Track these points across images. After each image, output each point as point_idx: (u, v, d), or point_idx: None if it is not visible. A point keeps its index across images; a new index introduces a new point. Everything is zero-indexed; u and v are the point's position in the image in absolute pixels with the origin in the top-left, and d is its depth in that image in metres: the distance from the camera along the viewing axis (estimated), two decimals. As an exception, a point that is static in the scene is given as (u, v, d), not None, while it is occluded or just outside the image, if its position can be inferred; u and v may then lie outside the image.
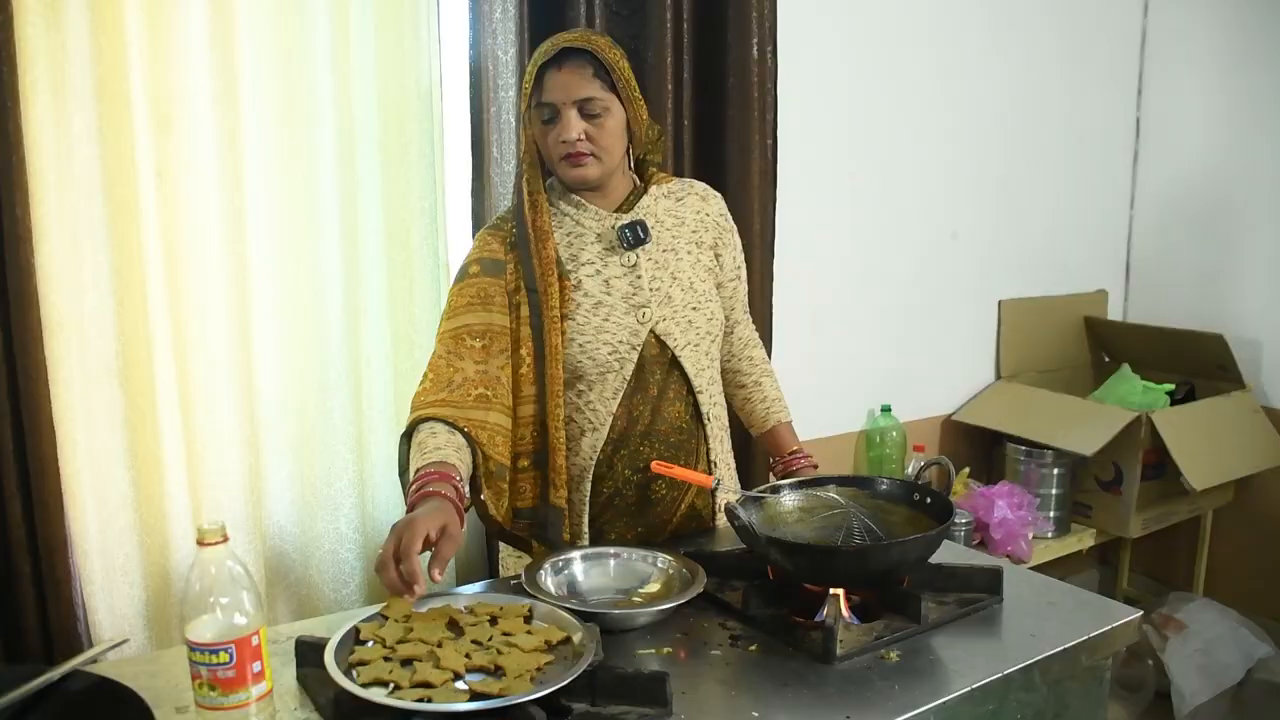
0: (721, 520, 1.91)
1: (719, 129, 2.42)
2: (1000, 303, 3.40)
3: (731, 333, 1.96)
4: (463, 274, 1.73)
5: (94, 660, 1.33)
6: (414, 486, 1.49)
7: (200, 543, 1.10)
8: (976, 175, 3.27)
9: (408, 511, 1.46)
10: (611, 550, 1.66)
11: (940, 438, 3.32)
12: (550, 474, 1.72)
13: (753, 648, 1.44)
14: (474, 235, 2.16)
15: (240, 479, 2.01)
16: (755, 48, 2.39)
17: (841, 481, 1.72)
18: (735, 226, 1.91)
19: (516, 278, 1.71)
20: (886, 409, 3.08)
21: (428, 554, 1.37)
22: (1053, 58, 3.37)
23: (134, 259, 1.85)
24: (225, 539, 1.11)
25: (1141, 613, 1.57)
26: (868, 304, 3.07)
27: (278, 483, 2.08)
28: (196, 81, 1.87)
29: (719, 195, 1.90)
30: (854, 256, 3.02)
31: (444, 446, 1.56)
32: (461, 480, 1.52)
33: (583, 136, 1.65)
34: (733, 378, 2.00)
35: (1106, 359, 3.66)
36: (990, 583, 1.57)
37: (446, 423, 1.60)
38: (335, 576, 2.13)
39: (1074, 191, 3.53)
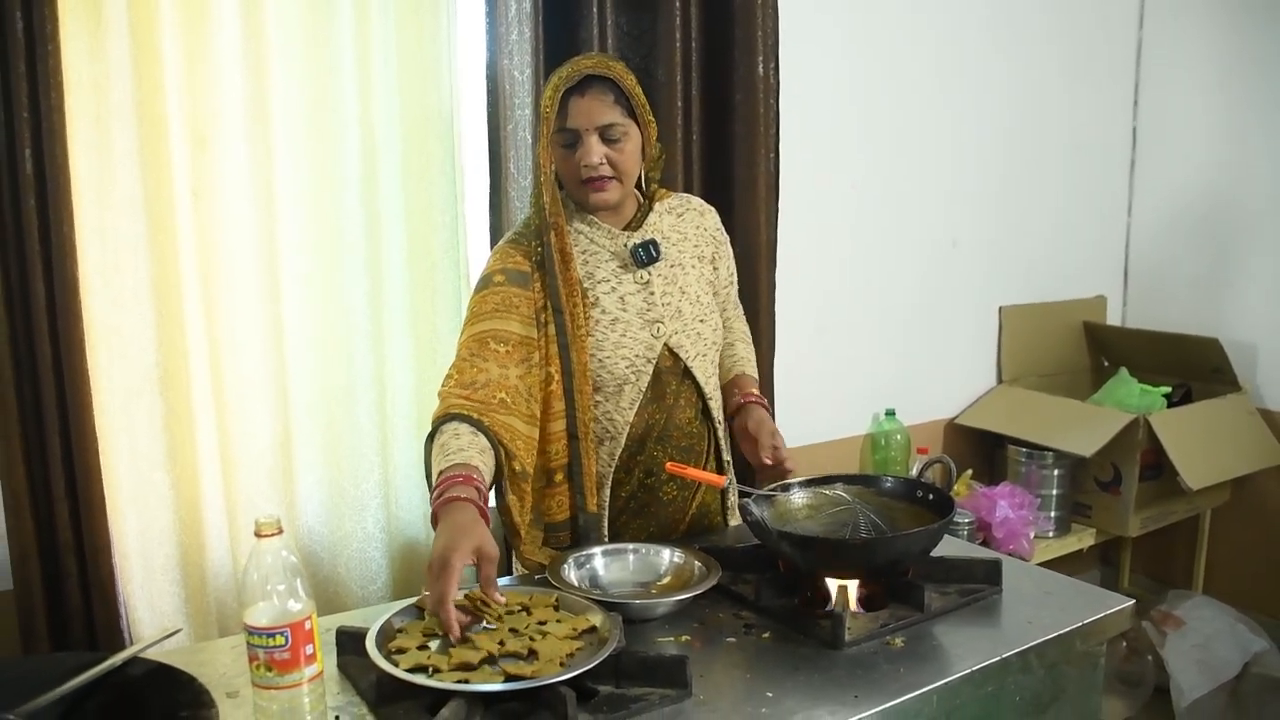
0: (733, 519, 2.00)
1: (727, 144, 2.51)
2: (1001, 308, 3.48)
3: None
4: (485, 282, 1.77)
5: (149, 648, 1.41)
6: (436, 491, 1.50)
7: (258, 534, 1.19)
8: (977, 184, 3.35)
9: (432, 517, 1.48)
10: (630, 546, 1.75)
11: (943, 440, 3.40)
12: (584, 482, 1.77)
13: (765, 635, 1.52)
14: (492, 246, 2.26)
15: (272, 482, 2.11)
16: (760, 65, 2.48)
17: (848, 480, 1.81)
18: (728, 238, 2.00)
19: (543, 297, 1.75)
20: (890, 413, 3.16)
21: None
22: (1051, 69, 3.46)
23: (172, 273, 1.94)
24: (280, 531, 1.20)
25: (1133, 601, 1.65)
26: (871, 311, 3.15)
27: (307, 485, 2.17)
28: (230, 104, 1.97)
29: (713, 210, 1.99)
30: (857, 265, 3.10)
31: (467, 448, 1.57)
32: (484, 483, 1.55)
33: (604, 161, 1.71)
34: None
35: (1105, 363, 3.74)
36: (990, 574, 1.66)
37: (471, 421, 1.62)
38: (363, 574, 2.22)
39: (1072, 200, 3.62)
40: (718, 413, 1.92)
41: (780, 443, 1.81)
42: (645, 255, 1.80)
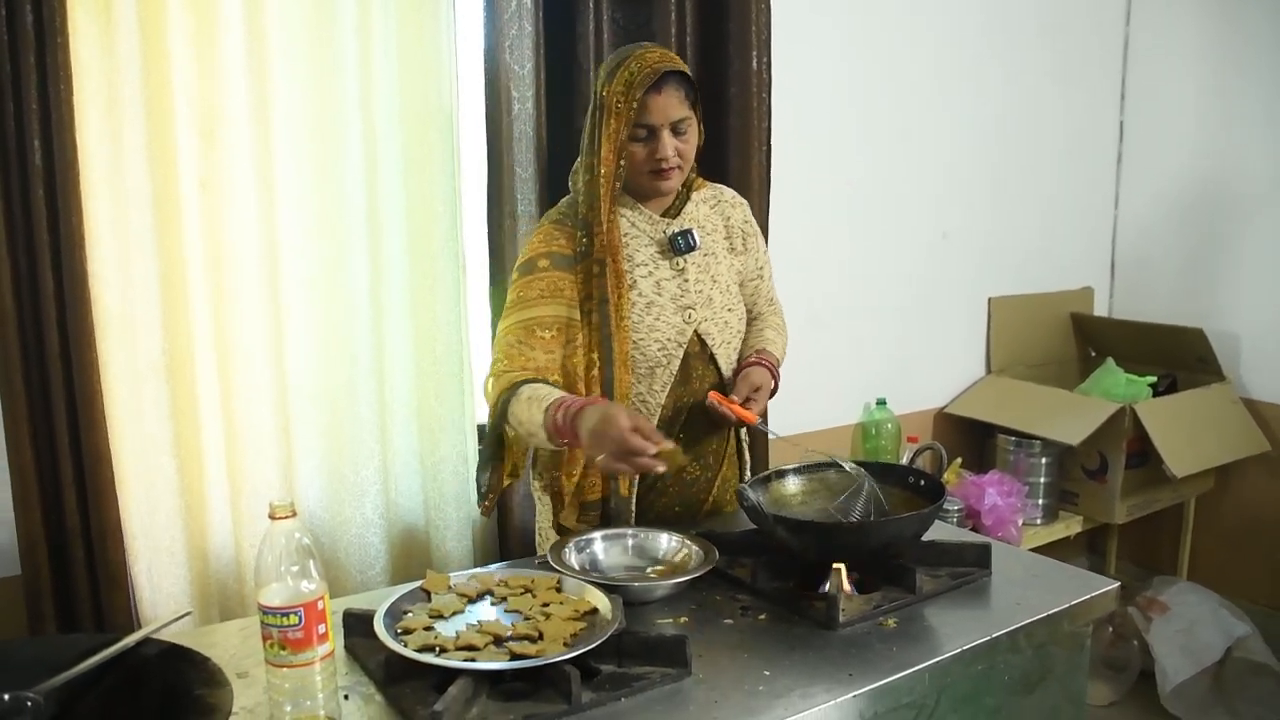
0: None
1: (722, 137, 2.54)
2: (990, 300, 3.52)
3: (751, 312, 2.07)
4: (531, 267, 1.79)
5: (159, 630, 1.45)
6: (562, 408, 1.57)
7: (272, 516, 1.22)
8: (967, 178, 3.38)
9: (569, 427, 1.55)
10: (629, 531, 1.79)
11: (933, 429, 3.44)
12: None
13: (762, 617, 1.56)
14: (490, 238, 2.30)
15: (274, 467, 2.15)
16: (754, 59, 2.51)
17: (841, 466, 1.85)
18: (759, 230, 2.05)
19: (587, 286, 1.79)
20: (882, 402, 3.20)
21: None
22: (1040, 64, 3.49)
23: (178, 263, 1.98)
24: (294, 514, 1.23)
25: (1119, 583, 1.70)
26: (862, 302, 3.18)
27: (308, 471, 2.20)
28: (236, 99, 2.00)
29: (745, 202, 2.04)
30: (849, 257, 3.13)
31: (558, 391, 1.66)
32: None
33: (675, 153, 1.77)
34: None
35: (1092, 353, 3.78)
36: (979, 557, 1.70)
37: (544, 382, 1.69)
38: (362, 559, 2.25)
39: (1061, 193, 3.66)
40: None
41: (756, 398, 1.85)
42: (684, 244, 1.85)
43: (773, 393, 1.95)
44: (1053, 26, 3.49)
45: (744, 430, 2.04)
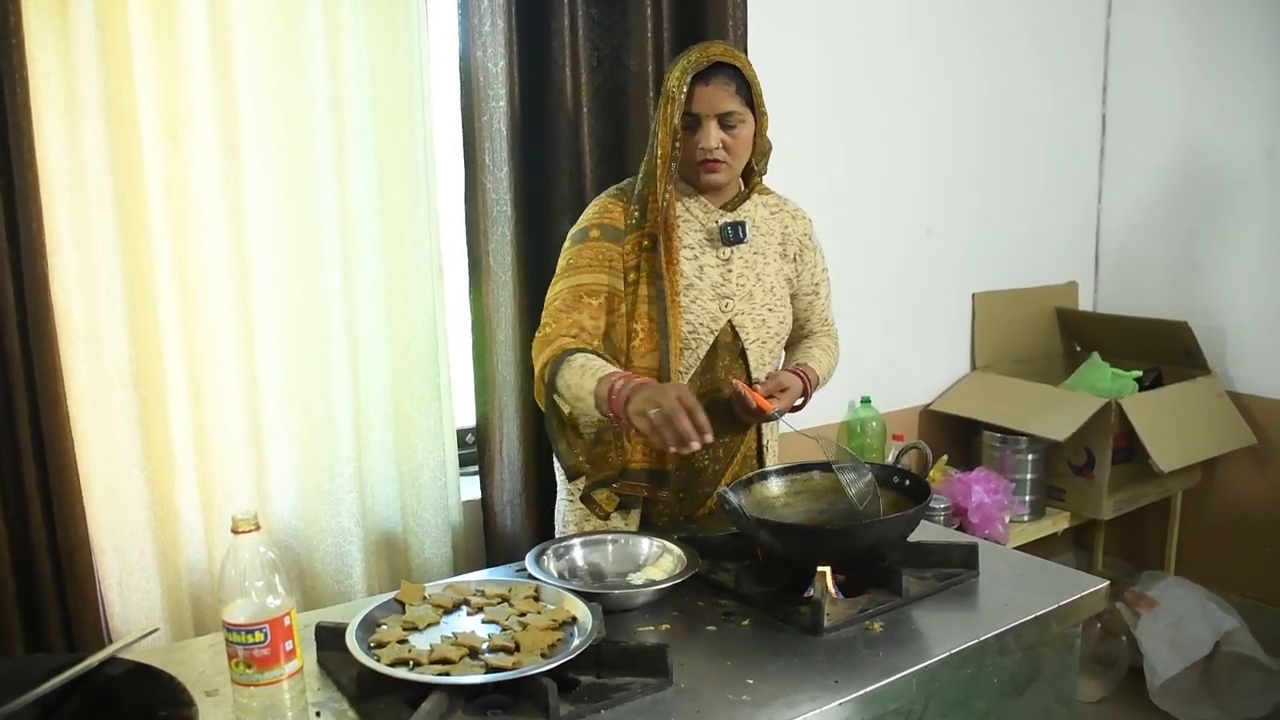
0: (769, 457, 2.06)
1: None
2: (974, 295, 3.50)
3: (803, 330, 2.10)
4: (583, 235, 1.86)
5: (126, 648, 1.40)
6: (618, 382, 1.60)
7: (235, 530, 1.18)
8: (950, 173, 3.36)
9: (622, 400, 1.57)
10: (609, 535, 1.76)
11: (919, 427, 3.42)
12: None
13: (745, 623, 1.53)
14: (468, 237, 2.26)
15: (247, 476, 2.09)
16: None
17: (825, 467, 1.82)
18: (820, 246, 2.07)
19: (636, 258, 1.83)
20: (866, 400, 3.18)
21: None
22: (1022, 58, 3.47)
23: (144, 267, 1.92)
24: (258, 527, 1.19)
25: (1108, 583, 1.67)
26: (846, 299, 3.13)
27: (282, 479, 2.15)
28: (200, 99, 1.94)
29: (808, 218, 2.06)
30: (833, 255, 3.07)
31: (609, 364, 1.70)
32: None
33: (720, 145, 1.80)
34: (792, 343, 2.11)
35: (1077, 348, 3.77)
36: (966, 558, 1.67)
37: (591, 352, 1.72)
38: (338, 569, 2.20)
39: (1044, 187, 3.64)
40: None
41: (779, 396, 1.86)
42: (733, 234, 1.88)
43: (799, 406, 1.95)
44: (1035, 20, 3.47)
45: (768, 435, 2.03)
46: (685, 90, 1.77)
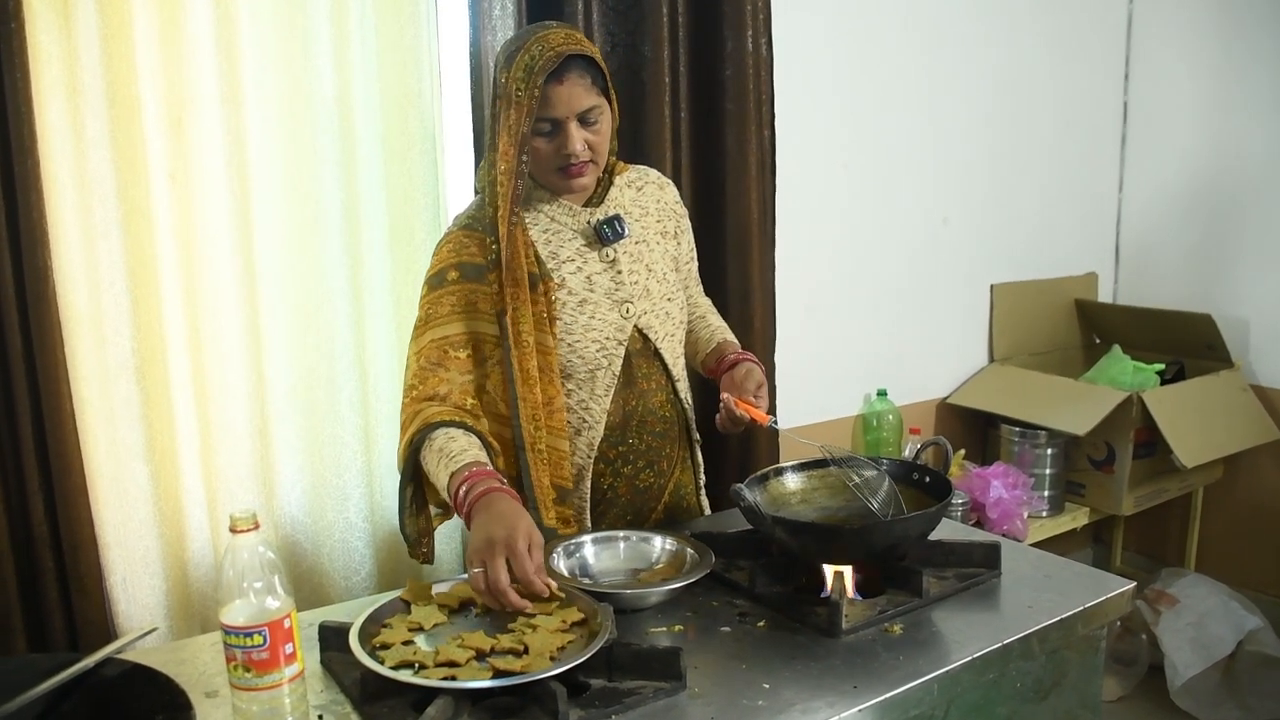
0: (707, 503, 1.97)
1: (717, 121, 2.45)
2: (992, 286, 3.44)
3: (690, 304, 1.97)
4: (440, 280, 1.67)
5: (124, 649, 1.37)
6: (462, 488, 1.45)
7: (233, 530, 1.14)
8: (967, 162, 3.31)
9: (465, 512, 1.43)
10: (621, 534, 1.71)
11: (935, 421, 3.37)
12: (536, 495, 1.67)
13: (760, 624, 1.49)
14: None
15: (253, 471, 2.06)
16: (750, 40, 2.42)
17: (841, 463, 1.77)
18: (687, 211, 1.93)
19: (501, 299, 1.65)
20: (882, 393, 3.13)
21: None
22: (1041, 45, 3.41)
23: (147, 258, 1.89)
24: (256, 526, 1.15)
25: (1134, 584, 1.63)
26: (862, 291, 3.11)
27: (289, 474, 2.12)
28: (204, 85, 1.90)
29: (672, 183, 1.92)
30: (848, 245, 3.06)
31: (469, 448, 1.52)
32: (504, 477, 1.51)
33: (585, 146, 1.63)
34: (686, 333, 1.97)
35: (1097, 340, 3.71)
36: (988, 557, 1.62)
37: (459, 425, 1.57)
38: (346, 565, 2.17)
39: (1063, 176, 3.58)
40: (685, 394, 1.87)
41: (762, 395, 1.73)
42: (610, 232, 1.72)
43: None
44: (1055, 6, 3.41)
45: (695, 431, 1.91)
46: (534, 91, 1.56)
